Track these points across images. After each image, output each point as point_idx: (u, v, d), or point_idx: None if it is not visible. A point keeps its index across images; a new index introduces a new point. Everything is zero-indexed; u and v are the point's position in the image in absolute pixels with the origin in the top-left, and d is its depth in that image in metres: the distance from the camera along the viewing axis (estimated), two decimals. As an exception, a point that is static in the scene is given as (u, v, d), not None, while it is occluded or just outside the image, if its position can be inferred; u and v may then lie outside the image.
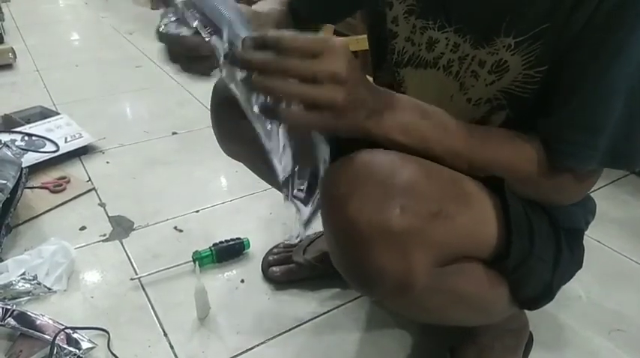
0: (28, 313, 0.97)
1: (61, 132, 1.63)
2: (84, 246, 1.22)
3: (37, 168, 1.46)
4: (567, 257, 0.77)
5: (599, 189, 1.51)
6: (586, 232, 0.86)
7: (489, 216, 0.66)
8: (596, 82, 0.61)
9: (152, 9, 3.65)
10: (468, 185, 0.65)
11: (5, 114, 1.73)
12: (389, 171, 0.58)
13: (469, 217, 0.63)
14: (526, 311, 0.97)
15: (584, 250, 0.84)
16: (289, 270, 1.12)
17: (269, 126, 0.56)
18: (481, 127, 0.70)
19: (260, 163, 0.90)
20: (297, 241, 0.60)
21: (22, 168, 1.27)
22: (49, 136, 1.58)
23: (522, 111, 0.70)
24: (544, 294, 0.77)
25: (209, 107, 0.88)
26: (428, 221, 0.57)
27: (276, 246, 1.19)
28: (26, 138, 1.56)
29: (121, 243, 1.24)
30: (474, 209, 0.65)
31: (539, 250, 0.70)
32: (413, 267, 0.58)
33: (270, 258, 1.16)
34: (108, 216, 1.33)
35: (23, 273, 1.07)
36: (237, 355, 0.96)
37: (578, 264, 0.83)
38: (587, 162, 0.64)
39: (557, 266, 0.75)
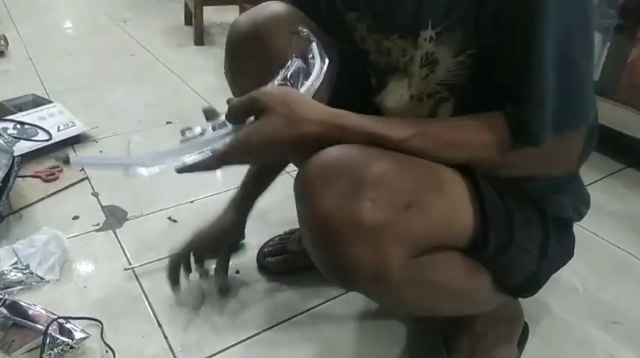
0: (21, 302, 0.96)
1: (53, 121, 1.61)
2: (77, 235, 1.21)
3: (29, 157, 1.44)
4: (555, 245, 0.77)
5: (595, 182, 1.51)
6: (582, 224, 0.86)
7: (464, 206, 0.67)
8: (525, 56, 0.62)
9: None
10: (441, 174, 0.66)
11: (-3, 102, 1.71)
12: (359, 165, 0.60)
13: (443, 207, 0.65)
14: (522, 303, 0.98)
15: (574, 239, 0.85)
16: (284, 260, 1.12)
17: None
18: (441, 119, 0.73)
19: None
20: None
21: (14, 157, 1.26)
22: (41, 125, 1.57)
23: (467, 99, 0.71)
24: (530, 283, 0.78)
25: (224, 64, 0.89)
26: (400, 212, 0.59)
27: (271, 240, 1.19)
28: (18, 126, 1.54)
29: (115, 233, 1.23)
30: (448, 199, 0.66)
31: (520, 239, 0.71)
32: (387, 259, 0.59)
33: (266, 249, 1.16)
34: (101, 206, 1.32)
35: (15, 263, 1.06)
36: (232, 346, 0.95)
37: (569, 254, 0.84)
38: (539, 138, 0.64)
39: (545, 255, 0.75)
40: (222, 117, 0.67)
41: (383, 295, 0.71)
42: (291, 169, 1.49)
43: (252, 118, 0.64)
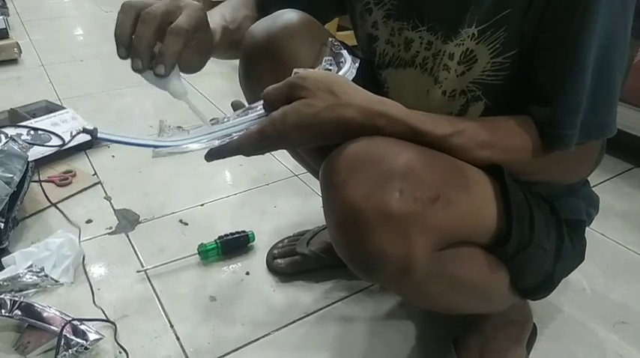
0: (36, 305, 0.97)
1: (66, 127, 1.63)
2: (90, 238, 1.23)
3: (43, 162, 1.46)
4: (569, 248, 0.78)
5: (602, 182, 1.51)
6: (590, 225, 0.87)
7: (489, 202, 0.67)
8: (569, 63, 0.62)
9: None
10: (468, 171, 0.66)
11: (11, 109, 1.74)
12: (387, 156, 0.59)
13: (469, 202, 0.64)
14: (530, 304, 0.98)
15: (585, 243, 0.85)
16: (294, 262, 1.13)
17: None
18: (477, 119, 0.71)
19: None
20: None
21: (28, 162, 1.28)
22: (54, 130, 1.59)
23: (500, 99, 0.71)
24: (545, 284, 0.78)
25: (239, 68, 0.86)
26: (427, 205, 0.58)
27: (280, 241, 1.20)
28: (32, 132, 1.57)
29: (127, 236, 1.25)
30: (474, 194, 0.65)
31: (539, 238, 0.71)
32: (413, 251, 0.59)
33: (275, 251, 1.17)
34: (114, 210, 1.34)
35: (30, 266, 1.07)
36: (243, 346, 0.96)
37: (580, 257, 0.84)
38: (569, 143, 0.65)
39: (559, 256, 0.76)
40: (255, 105, 0.65)
41: (406, 287, 0.70)
42: (300, 171, 1.51)
43: None
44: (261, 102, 0.65)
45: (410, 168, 0.58)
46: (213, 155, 0.64)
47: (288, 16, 0.82)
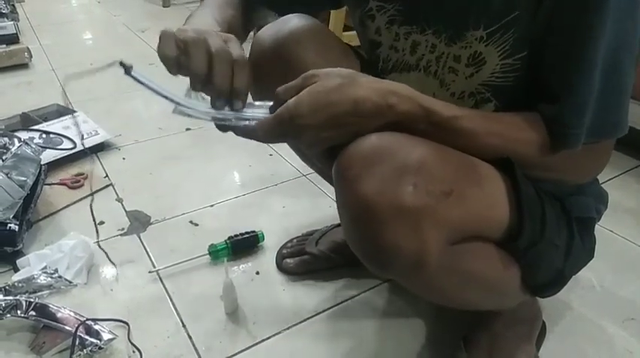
0: (50, 305, 0.99)
1: (77, 130, 1.65)
2: (103, 240, 1.25)
3: (55, 165, 1.49)
4: (579, 245, 0.78)
5: (611, 179, 1.51)
6: (599, 222, 0.87)
7: (501, 197, 0.67)
8: (577, 62, 0.62)
9: (164, 7, 3.67)
10: (480, 166, 0.66)
11: (23, 113, 1.76)
12: (401, 151, 0.60)
13: (481, 197, 0.65)
14: (539, 301, 0.98)
15: (595, 240, 0.85)
16: (303, 261, 1.13)
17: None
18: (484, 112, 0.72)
19: None
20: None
21: (41, 165, 1.30)
22: (66, 134, 1.61)
23: (510, 101, 0.71)
24: (555, 281, 0.78)
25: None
26: (440, 199, 0.59)
27: (289, 241, 1.21)
28: (44, 135, 1.59)
29: (139, 237, 1.26)
30: (486, 190, 0.66)
31: (550, 235, 0.71)
32: (426, 244, 0.59)
33: (285, 250, 1.18)
34: (125, 211, 1.36)
35: (44, 267, 1.09)
36: (254, 345, 0.98)
37: (590, 254, 0.84)
38: (575, 142, 0.65)
39: (570, 253, 0.76)
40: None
41: (419, 281, 0.70)
42: (309, 172, 1.51)
43: None
44: None
45: (423, 162, 0.59)
46: (226, 128, 0.66)
47: (296, 21, 0.83)
